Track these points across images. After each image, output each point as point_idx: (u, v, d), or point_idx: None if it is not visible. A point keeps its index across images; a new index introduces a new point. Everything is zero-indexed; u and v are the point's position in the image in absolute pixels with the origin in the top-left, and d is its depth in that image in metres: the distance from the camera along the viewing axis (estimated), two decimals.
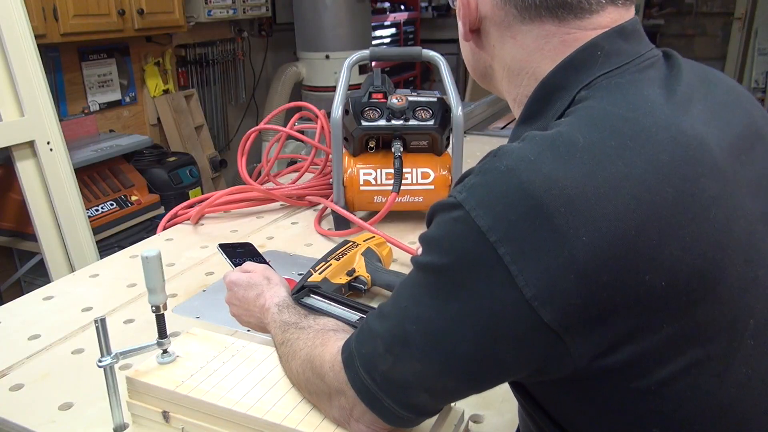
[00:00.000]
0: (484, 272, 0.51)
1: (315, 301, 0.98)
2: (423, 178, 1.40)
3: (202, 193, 2.37)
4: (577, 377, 0.53)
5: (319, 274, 1.05)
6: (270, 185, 1.66)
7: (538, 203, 0.50)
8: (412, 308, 0.57)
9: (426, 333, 0.55)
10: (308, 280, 1.04)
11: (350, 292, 1.08)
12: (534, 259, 0.49)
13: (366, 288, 1.08)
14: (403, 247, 1.26)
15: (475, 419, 0.81)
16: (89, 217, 2.49)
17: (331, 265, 1.07)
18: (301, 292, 1.00)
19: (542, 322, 0.50)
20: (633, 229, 0.49)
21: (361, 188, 1.42)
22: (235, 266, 0.99)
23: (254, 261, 1.02)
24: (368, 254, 1.13)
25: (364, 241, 1.17)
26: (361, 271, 1.09)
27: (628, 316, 0.50)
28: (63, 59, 3.09)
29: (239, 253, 1.06)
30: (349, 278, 1.07)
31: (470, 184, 0.54)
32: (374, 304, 1.04)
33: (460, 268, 0.53)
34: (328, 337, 0.71)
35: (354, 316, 0.93)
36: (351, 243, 1.15)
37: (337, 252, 1.12)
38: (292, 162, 2.03)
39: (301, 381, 0.71)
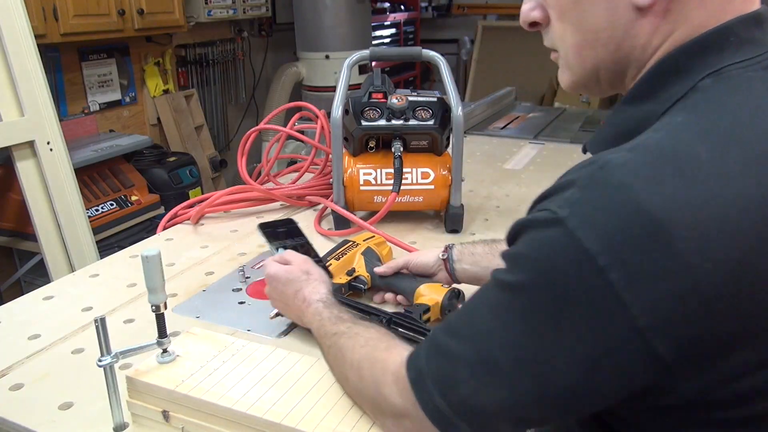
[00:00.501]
0: (590, 299, 0.47)
1: None
2: (423, 178, 1.40)
3: (202, 193, 2.37)
4: (674, 405, 0.50)
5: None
6: (270, 185, 1.66)
7: (658, 225, 0.45)
8: (500, 332, 0.52)
9: (518, 361, 0.51)
10: None
11: (350, 292, 1.08)
12: (651, 286, 0.45)
13: (366, 288, 1.08)
14: (403, 246, 1.26)
15: None
16: (89, 217, 2.49)
17: (330, 264, 1.07)
18: None
19: (655, 353, 0.46)
20: (764, 255, 0.45)
21: (361, 188, 1.42)
22: (276, 250, 1.00)
23: (295, 243, 1.03)
24: (368, 254, 1.13)
25: (363, 240, 1.16)
26: (361, 270, 1.08)
27: (752, 349, 0.47)
28: (63, 59, 3.09)
29: (280, 233, 1.06)
30: (348, 278, 1.06)
31: (573, 200, 0.48)
32: (374, 304, 1.04)
33: (561, 292, 0.48)
34: (393, 344, 0.67)
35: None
36: (351, 243, 1.15)
37: (337, 252, 1.12)
38: (292, 162, 2.03)
39: (353, 380, 0.69)
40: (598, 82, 0.63)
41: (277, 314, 0.96)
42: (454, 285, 1.00)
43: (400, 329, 0.88)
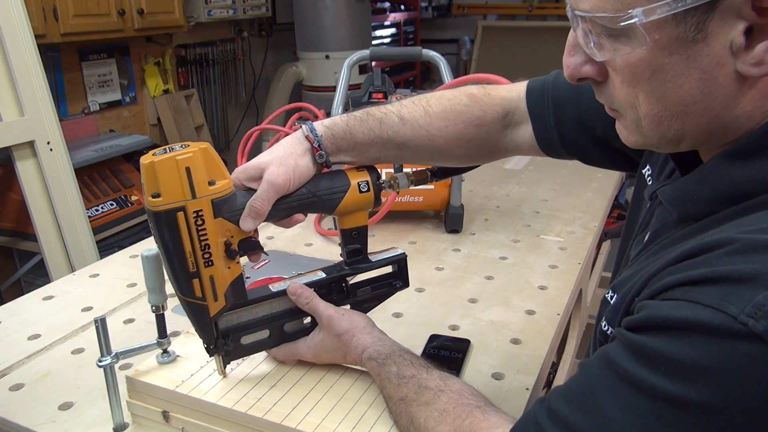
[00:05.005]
0: None
1: (238, 312, 0.75)
2: None
3: None
4: None
5: (215, 299, 0.71)
6: None
7: None
8: None
9: None
10: (210, 314, 0.71)
11: (260, 262, 0.81)
12: None
13: (260, 246, 0.73)
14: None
15: None
16: (89, 217, 2.49)
17: (211, 276, 0.69)
18: (215, 329, 0.73)
19: None
20: None
21: None
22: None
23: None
24: (221, 209, 0.68)
25: (190, 196, 0.65)
26: (235, 232, 0.70)
27: None
28: (63, 59, 3.09)
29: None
30: (237, 261, 0.71)
31: None
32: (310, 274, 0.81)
33: (757, 418, 0.42)
34: (476, 422, 0.60)
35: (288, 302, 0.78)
36: (179, 215, 0.65)
37: (190, 250, 0.67)
38: None
39: None
40: (677, 147, 0.56)
41: None
42: (359, 166, 0.79)
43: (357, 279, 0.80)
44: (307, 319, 0.80)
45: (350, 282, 0.82)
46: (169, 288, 0.73)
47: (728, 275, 0.44)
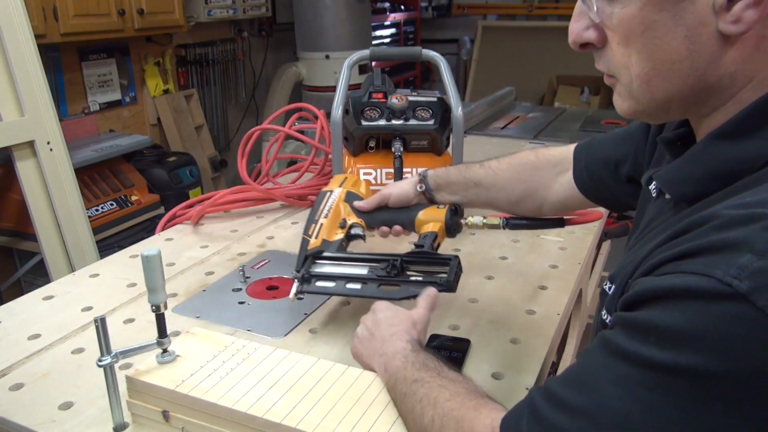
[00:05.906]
0: None
1: (324, 266, 0.98)
2: None
3: (202, 193, 2.37)
4: None
5: (316, 238, 1.02)
6: (270, 185, 1.66)
7: None
8: (643, 417, 0.46)
9: None
10: (308, 247, 1.01)
11: (351, 242, 1.05)
12: None
13: (364, 233, 1.05)
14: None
15: None
16: (89, 217, 2.49)
17: (321, 224, 1.04)
18: (306, 262, 0.99)
19: None
20: None
21: None
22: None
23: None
24: (350, 198, 1.08)
25: (339, 186, 1.10)
26: (352, 217, 1.06)
27: None
28: (63, 59, 3.09)
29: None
30: (344, 230, 1.04)
31: (754, 269, 0.42)
32: (377, 249, 1.04)
33: (745, 378, 0.42)
34: (483, 402, 0.62)
35: (364, 270, 0.95)
36: (328, 193, 1.09)
37: (321, 209, 1.06)
38: (292, 162, 2.03)
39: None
40: (668, 113, 0.59)
41: (298, 295, 0.96)
42: (449, 203, 1.04)
43: (415, 267, 0.93)
44: (397, 293, 0.90)
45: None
46: (169, 288, 0.73)
47: (712, 245, 0.46)
